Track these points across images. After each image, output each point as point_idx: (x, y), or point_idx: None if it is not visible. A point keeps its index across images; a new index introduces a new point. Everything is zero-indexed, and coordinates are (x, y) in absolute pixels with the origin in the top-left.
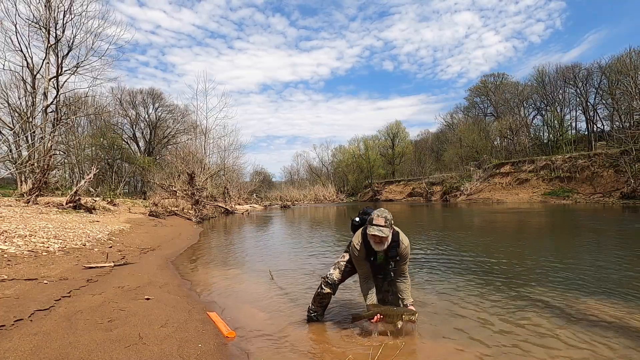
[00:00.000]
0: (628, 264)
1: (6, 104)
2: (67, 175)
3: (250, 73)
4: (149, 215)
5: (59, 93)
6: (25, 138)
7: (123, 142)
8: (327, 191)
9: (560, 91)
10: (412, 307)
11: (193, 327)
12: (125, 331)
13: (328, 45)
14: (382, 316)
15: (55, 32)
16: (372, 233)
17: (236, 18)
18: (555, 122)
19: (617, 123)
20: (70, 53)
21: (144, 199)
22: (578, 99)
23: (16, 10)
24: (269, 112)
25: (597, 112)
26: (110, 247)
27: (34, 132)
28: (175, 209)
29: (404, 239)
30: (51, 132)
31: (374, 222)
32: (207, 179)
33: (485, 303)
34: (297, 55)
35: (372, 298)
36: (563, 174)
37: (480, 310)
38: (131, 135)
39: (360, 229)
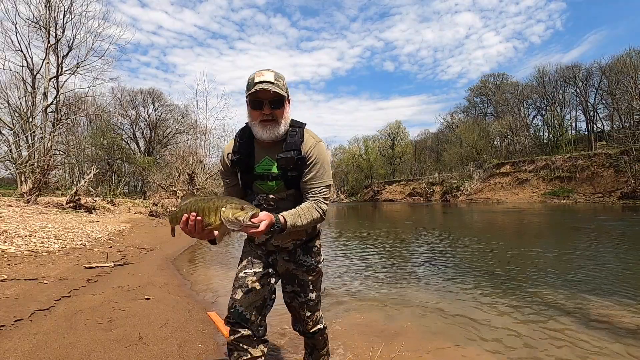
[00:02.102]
0: (633, 264)
1: (6, 104)
2: (67, 175)
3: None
4: (149, 215)
5: (59, 93)
6: (25, 138)
7: (123, 142)
8: None
9: (560, 91)
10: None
11: (193, 327)
12: (125, 331)
13: (329, 45)
14: (196, 215)
15: (55, 32)
16: (258, 88)
17: (238, 19)
18: (555, 122)
19: (617, 123)
20: (70, 53)
21: (144, 199)
22: (578, 99)
23: (16, 10)
24: None
25: (597, 112)
26: (110, 247)
27: (34, 132)
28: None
29: (311, 134)
30: (51, 132)
31: (256, 80)
32: (207, 179)
33: (489, 303)
34: (298, 56)
35: None
36: (563, 174)
37: (483, 310)
38: (131, 135)
39: None
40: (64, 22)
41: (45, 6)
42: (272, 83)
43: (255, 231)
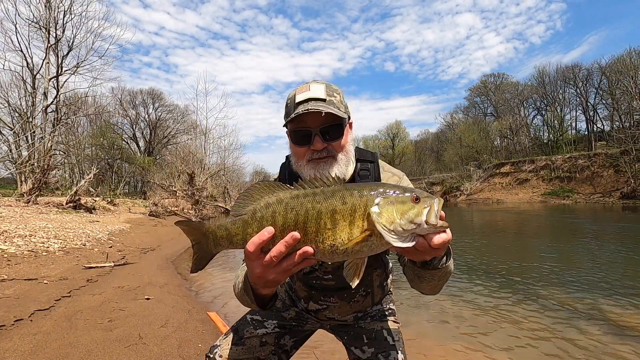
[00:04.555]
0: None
1: (6, 104)
2: (67, 175)
3: (253, 74)
4: (149, 215)
5: (59, 93)
6: (25, 138)
7: (123, 142)
8: None
9: (560, 91)
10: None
11: (193, 327)
12: (125, 331)
13: (330, 46)
14: (302, 231)
15: (55, 32)
16: (302, 111)
17: (239, 19)
18: (555, 122)
19: (617, 123)
20: (70, 53)
21: (144, 199)
22: (578, 99)
23: (16, 10)
24: (270, 112)
25: (597, 112)
26: (110, 247)
27: (34, 132)
28: (175, 209)
29: (390, 169)
30: (51, 132)
31: (298, 99)
32: (207, 179)
33: (489, 304)
34: (299, 56)
35: None
36: (563, 174)
37: (483, 311)
38: (131, 135)
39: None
40: (64, 22)
41: (45, 6)
42: (323, 100)
43: (442, 240)
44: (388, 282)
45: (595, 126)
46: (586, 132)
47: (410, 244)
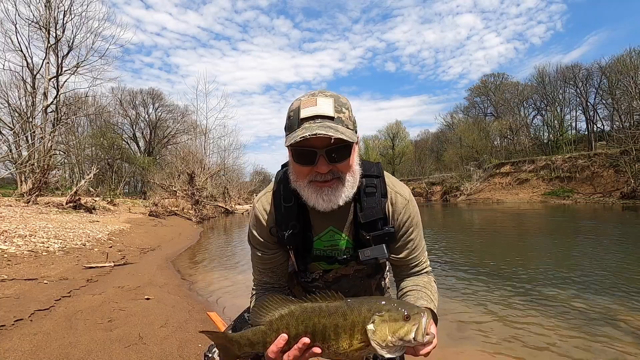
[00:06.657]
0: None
1: (6, 104)
2: (67, 175)
3: (254, 74)
4: (149, 215)
5: (59, 93)
6: (25, 138)
7: (123, 142)
8: None
9: (560, 91)
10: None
11: (193, 327)
12: (125, 331)
13: (331, 47)
14: (311, 340)
15: (55, 32)
16: (308, 135)
17: (241, 20)
18: (555, 122)
19: (617, 123)
20: (70, 53)
21: (144, 199)
22: (578, 99)
23: (16, 10)
24: (271, 112)
25: (597, 112)
26: (110, 247)
27: (34, 132)
28: (175, 209)
29: (396, 187)
30: (51, 132)
31: (303, 114)
32: (207, 179)
33: (489, 305)
34: (300, 57)
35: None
36: (563, 174)
37: (484, 313)
38: (131, 135)
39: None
40: (64, 22)
41: (45, 6)
42: (331, 119)
43: (427, 350)
44: (386, 281)
45: (595, 126)
46: (586, 132)
47: (399, 353)
